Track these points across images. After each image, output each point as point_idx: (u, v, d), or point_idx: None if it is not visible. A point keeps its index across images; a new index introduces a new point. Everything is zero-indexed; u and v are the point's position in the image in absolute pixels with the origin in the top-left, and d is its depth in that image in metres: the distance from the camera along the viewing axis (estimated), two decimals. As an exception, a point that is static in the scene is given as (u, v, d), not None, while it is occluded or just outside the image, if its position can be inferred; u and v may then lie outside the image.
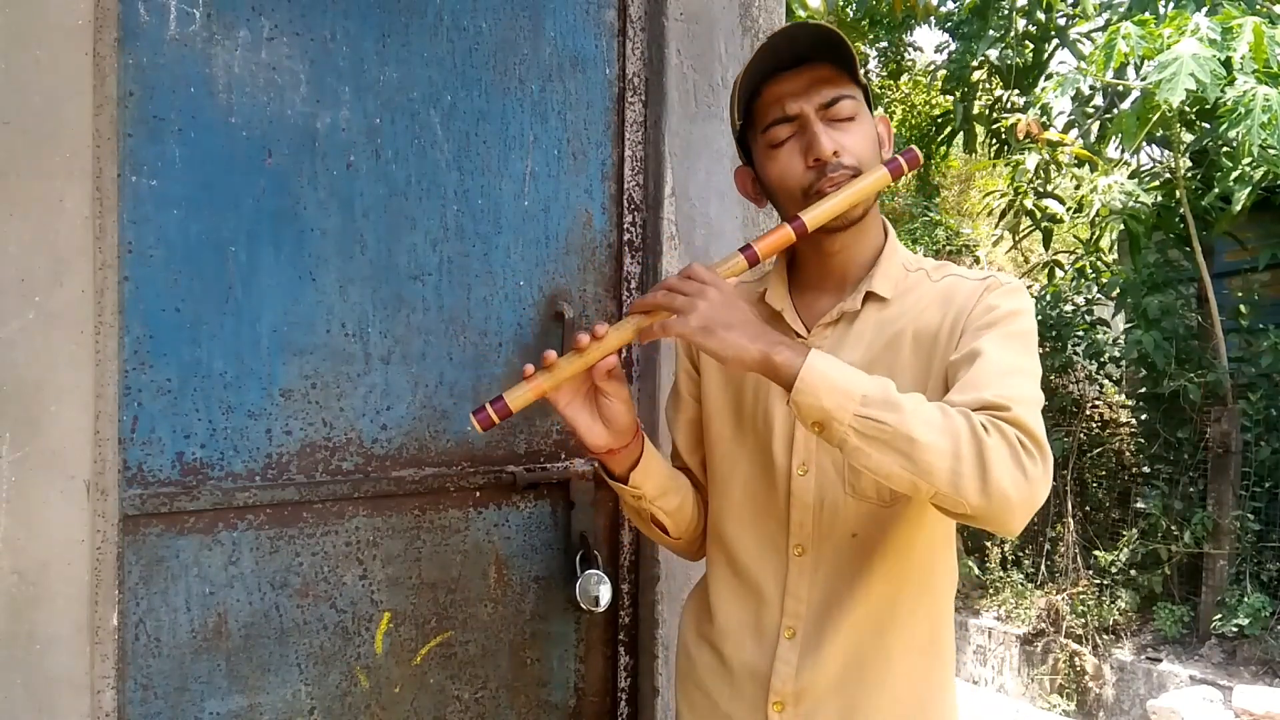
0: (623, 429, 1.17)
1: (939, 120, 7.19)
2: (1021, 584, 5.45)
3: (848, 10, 6.39)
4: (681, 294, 1.05)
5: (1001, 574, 5.53)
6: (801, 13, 3.84)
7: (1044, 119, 5.58)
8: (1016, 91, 6.49)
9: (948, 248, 8.15)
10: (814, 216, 1.11)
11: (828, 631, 1.14)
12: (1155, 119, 4.60)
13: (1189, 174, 5.11)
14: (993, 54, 6.15)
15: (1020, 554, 5.61)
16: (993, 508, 0.96)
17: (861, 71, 1.17)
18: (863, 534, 1.13)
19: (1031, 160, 5.65)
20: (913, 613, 1.14)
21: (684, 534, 1.29)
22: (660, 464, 1.24)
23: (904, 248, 1.23)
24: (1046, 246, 6.37)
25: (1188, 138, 5.14)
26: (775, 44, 1.12)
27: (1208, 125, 4.88)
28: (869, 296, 1.17)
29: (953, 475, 0.95)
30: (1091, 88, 5.58)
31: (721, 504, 1.24)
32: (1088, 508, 5.56)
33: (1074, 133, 5.90)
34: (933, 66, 8.08)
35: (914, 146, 1.17)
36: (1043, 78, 6.29)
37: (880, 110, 1.21)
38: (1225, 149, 4.64)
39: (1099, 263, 6.00)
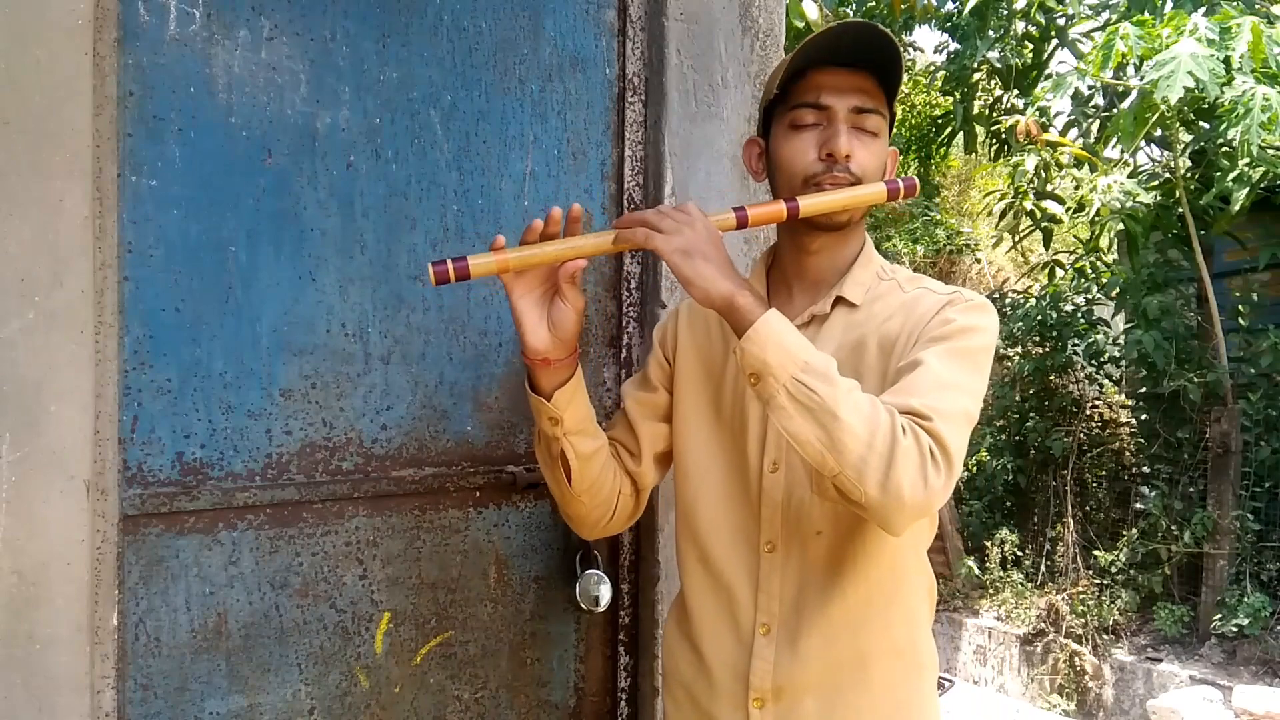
0: (565, 338, 1.18)
1: (939, 121, 7.19)
2: (1021, 584, 5.45)
3: (847, 11, 6.38)
4: (671, 220, 1.09)
5: (1001, 574, 5.53)
6: (799, 22, 3.83)
7: (1043, 120, 5.58)
8: (1016, 92, 6.49)
9: (948, 248, 8.16)
10: (809, 204, 1.15)
11: (803, 629, 1.16)
12: (1154, 119, 4.61)
13: (1188, 174, 5.11)
14: (993, 55, 6.15)
15: (1020, 554, 5.61)
16: (887, 503, 1.00)
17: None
18: (828, 533, 1.16)
19: (1031, 161, 5.66)
20: (886, 616, 1.17)
21: (585, 492, 1.25)
22: (585, 402, 1.24)
23: (880, 257, 1.28)
24: (1046, 247, 6.38)
25: (1186, 138, 5.14)
26: (838, 35, 1.14)
27: (1206, 125, 4.88)
28: (838, 301, 1.21)
29: (860, 462, 0.99)
30: (1091, 88, 5.58)
31: (695, 501, 1.26)
32: (1088, 508, 5.56)
33: (1074, 133, 5.90)
34: (933, 67, 8.08)
35: (914, 176, 1.22)
36: (1042, 78, 6.29)
37: (893, 147, 1.26)
38: (1224, 149, 4.64)
39: (1099, 263, 6.00)
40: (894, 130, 1.25)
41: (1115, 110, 5.23)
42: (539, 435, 1.26)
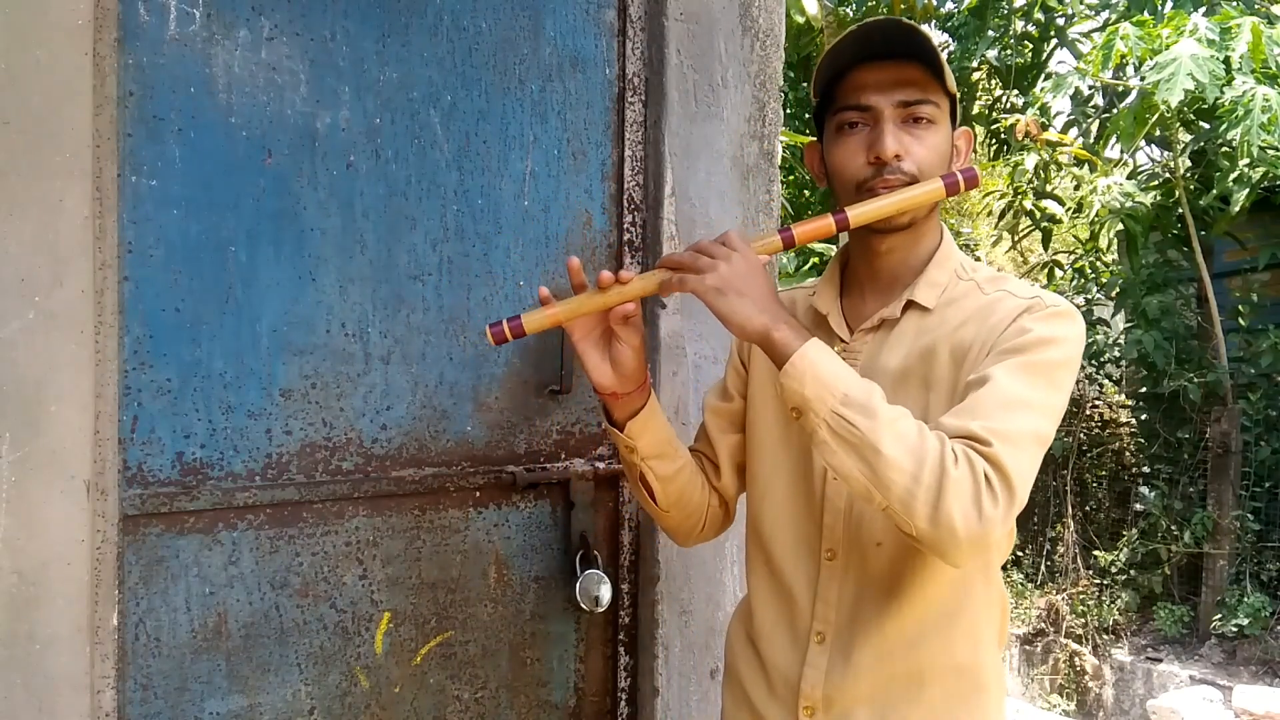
0: (629, 374, 1.17)
1: (938, 120, 7.16)
2: (1021, 584, 5.46)
3: (847, 11, 6.39)
4: (708, 256, 1.07)
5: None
6: (799, 18, 3.83)
7: (1043, 119, 5.58)
8: (1015, 92, 6.49)
9: (947, 248, 8.13)
10: (858, 213, 1.10)
11: (858, 640, 1.13)
12: (1154, 119, 4.61)
13: (1188, 174, 5.11)
14: (992, 54, 6.15)
15: (1020, 554, 5.61)
16: (939, 536, 0.96)
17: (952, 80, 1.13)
18: (889, 544, 1.12)
19: (1030, 160, 5.66)
20: (946, 633, 1.12)
21: (672, 508, 1.26)
22: (661, 426, 1.23)
23: (960, 254, 1.21)
24: (1046, 247, 6.38)
25: (1186, 138, 5.14)
26: (867, 32, 1.10)
27: (1206, 125, 4.88)
28: (910, 305, 1.16)
29: (907, 495, 0.96)
30: (1091, 88, 5.59)
31: (761, 505, 1.24)
32: (1088, 508, 5.56)
33: (1074, 132, 5.91)
34: (932, 67, 8.07)
35: (975, 166, 1.15)
36: (1042, 78, 6.29)
37: (965, 126, 1.20)
38: (1224, 149, 4.65)
39: (1098, 263, 6.00)
40: (957, 120, 1.14)
41: (1115, 110, 5.23)
42: (620, 457, 1.27)
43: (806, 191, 5.87)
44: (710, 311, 1.06)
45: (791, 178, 5.41)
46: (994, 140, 6.61)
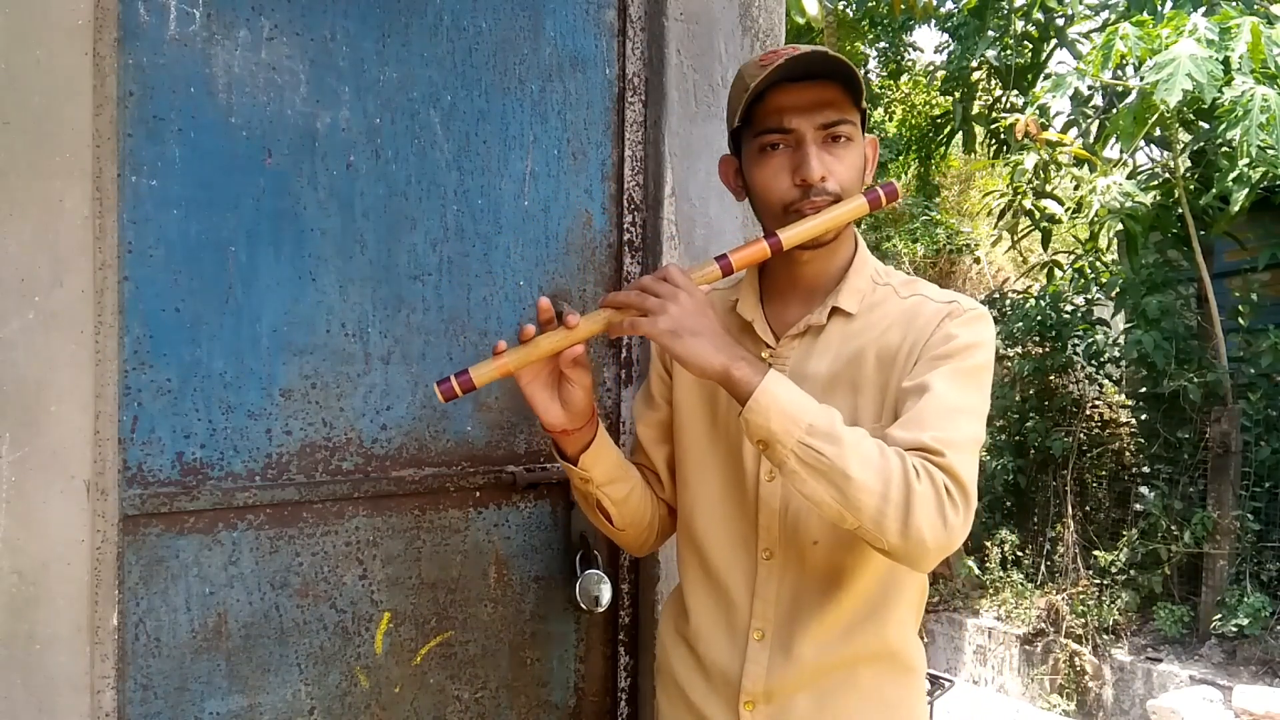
0: (579, 413, 1.20)
1: (938, 120, 7.20)
2: (1021, 584, 5.45)
3: (847, 10, 6.39)
4: (654, 295, 1.09)
5: (1001, 574, 5.53)
6: (799, 19, 3.83)
7: (1042, 119, 5.58)
8: (1015, 92, 6.49)
9: (948, 247, 8.15)
10: (791, 236, 1.14)
11: (796, 634, 1.17)
12: (1153, 119, 4.61)
13: (1188, 174, 5.11)
14: (991, 54, 6.16)
15: (1020, 554, 5.61)
16: (909, 549, 1.02)
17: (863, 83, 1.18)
18: (824, 541, 1.16)
19: (1030, 160, 5.66)
20: (878, 621, 1.17)
21: (628, 526, 1.30)
22: (611, 453, 1.26)
23: (874, 259, 1.26)
24: (1045, 247, 6.38)
25: (1186, 138, 5.14)
26: (791, 62, 1.12)
27: (1206, 125, 4.88)
28: (835, 311, 1.20)
29: (878, 514, 1.00)
30: (1090, 88, 5.58)
31: (693, 507, 1.27)
32: (1088, 508, 5.56)
33: (1073, 132, 5.91)
34: (932, 67, 8.09)
35: (894, 180, 1.20)
36: (1041, 78, 6.29)
37: (871, 134, 1.24)
38: (1224, 149, 4.64)
39: (1098, 263, 6.00)
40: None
41: (1115, 110, 5.23)
42: (574, 488, 1.30)
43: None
44: (666, 352, 1.09)
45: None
46: (994, 140, 6.61)
